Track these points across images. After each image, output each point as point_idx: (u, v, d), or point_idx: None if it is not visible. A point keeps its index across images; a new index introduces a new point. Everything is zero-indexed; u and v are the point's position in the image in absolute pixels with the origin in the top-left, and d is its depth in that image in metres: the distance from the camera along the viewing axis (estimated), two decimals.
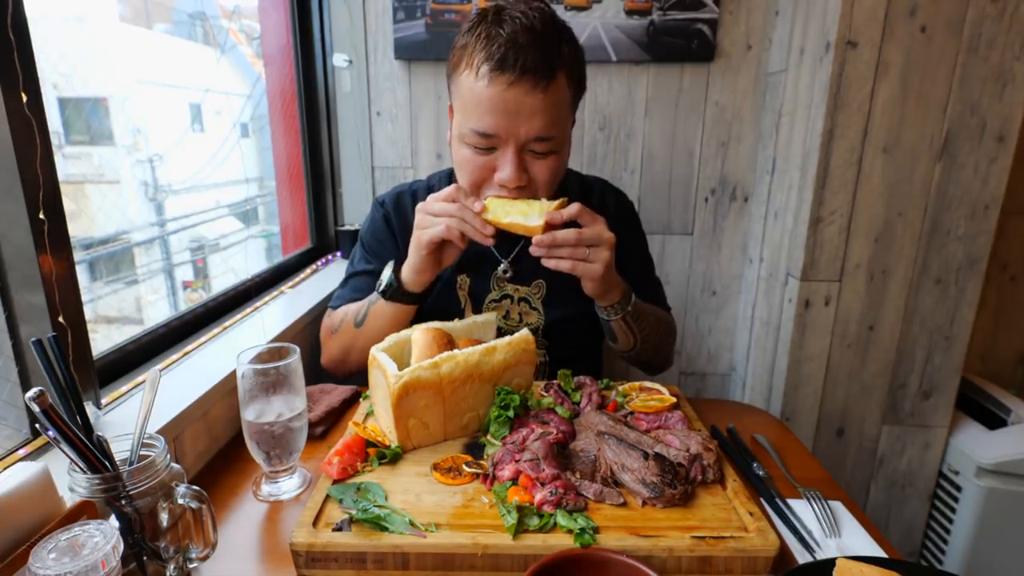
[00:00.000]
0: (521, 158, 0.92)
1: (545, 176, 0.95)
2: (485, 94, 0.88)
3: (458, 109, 0.94)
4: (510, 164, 0.91)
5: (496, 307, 1.12)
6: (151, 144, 4.31)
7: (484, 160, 0.93)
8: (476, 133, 0.91)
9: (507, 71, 0.86)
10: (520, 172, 0.92)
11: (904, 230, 1.40)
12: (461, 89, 0.92)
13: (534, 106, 0.88)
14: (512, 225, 0.88)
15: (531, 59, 0.85)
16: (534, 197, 0.96)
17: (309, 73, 1.66)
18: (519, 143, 0.91)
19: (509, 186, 0.93)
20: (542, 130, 0.90)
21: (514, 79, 0.86)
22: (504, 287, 1.12)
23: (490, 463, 0.76)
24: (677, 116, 1.65)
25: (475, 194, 0.97)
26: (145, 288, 3.74)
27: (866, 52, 1.29)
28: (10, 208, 0.69)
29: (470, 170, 0.95)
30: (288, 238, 1.74)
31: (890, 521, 1.62)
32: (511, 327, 1.11)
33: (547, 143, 0.92)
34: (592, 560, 0.59)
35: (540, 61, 0.86)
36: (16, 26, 0.68)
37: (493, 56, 0.86)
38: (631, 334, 1.03)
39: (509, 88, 0.86)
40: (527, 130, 0.89)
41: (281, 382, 0.76)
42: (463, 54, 0.91)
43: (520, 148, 0.92)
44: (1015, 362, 1.78)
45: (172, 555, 0.59)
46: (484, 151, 0.93)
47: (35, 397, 0.50)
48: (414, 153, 1.70)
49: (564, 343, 1.15)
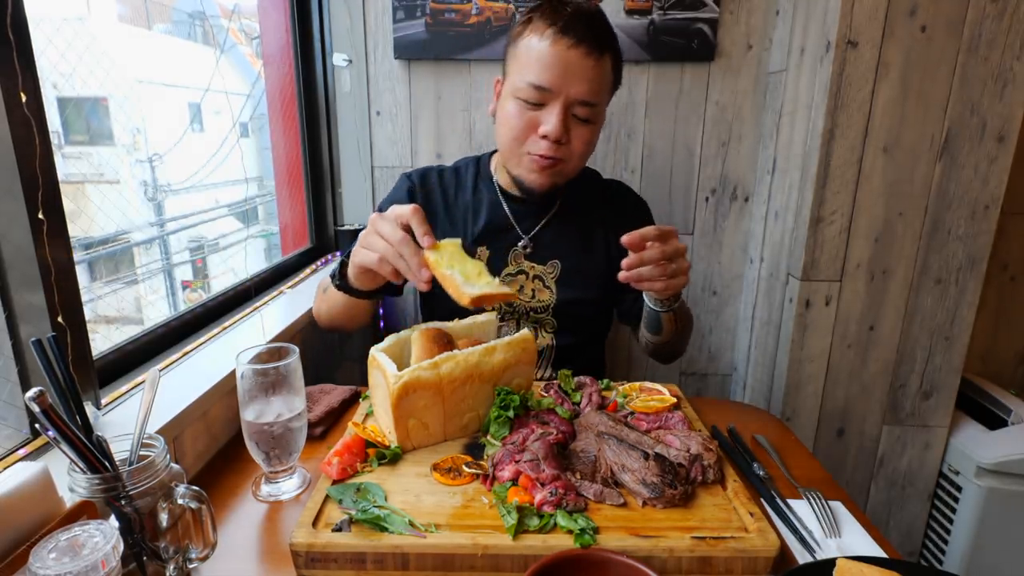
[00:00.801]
0: (566, 116, 1.01)
1: (580, 145, 1.04)
2: (548, 51, 0.98)
3: (515, 69, 1.03)
4: (555, 117, 1.00)
5: (511, 281, 1.17)
6: (151, 144, 4.31)
7: (531, 115, 1.02)
8: (532, 86, 0.99)
9: (569, 35, 0.97)
10: (563, 128, 1.01)
11: (904, 230, 1.40)
12: (521, 51, 1.02)
13: (587, 70, 0.99)
14: (446, 279, 0.79)
15: (590, 31, 0.98)
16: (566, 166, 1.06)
17: (309, 73, 1.66)
18: (568, 101, 1.00)
19: (551, 137, 1.00)
20: (589, 94, 1.00)
21: (574, 42, 0.97)
22: (520, 263, 1.17)
23: (490, 463, 0.76)
24: (677, 116, 1.65)
25: (515, 148, 1.05)
26: (145, 288, 3.74)
27: (866, 52, 1.29)
28: (10, 208, 0.69)
29: (515, 124, 1.03)
30: (288, 238, 1.74)
31: (890, 521, 1.62)
32: (523, 302, 1.17)
33: (589, 109, 1.02)
34: (592, 560, 0.59)
35: (596, 35, 0.99)
36: (16, 26, 0.68)
37: (557, 22, 0.98)
38: (675, 324, 1.08)
39: (569, 49, 0.97)
40: (577, 90, 0.99)
41: (281, 382, 0.76)
42: (526, 26, 1.02)
43: (566, 107, 1.00)
44: (1015, 362, 1.78)
45: (172, 555, 0.59)
46: (534, 106, 1.01)
47: (35, 397, 0.50)
48: (414, 153, 1.70)
49: (572, 327, 1.19)
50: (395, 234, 0.83)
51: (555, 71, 0.98)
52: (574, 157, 1.05)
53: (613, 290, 1.20)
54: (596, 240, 1.19)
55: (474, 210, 1.18)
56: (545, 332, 1.19)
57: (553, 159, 1.03)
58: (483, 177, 1.20)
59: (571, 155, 1.05)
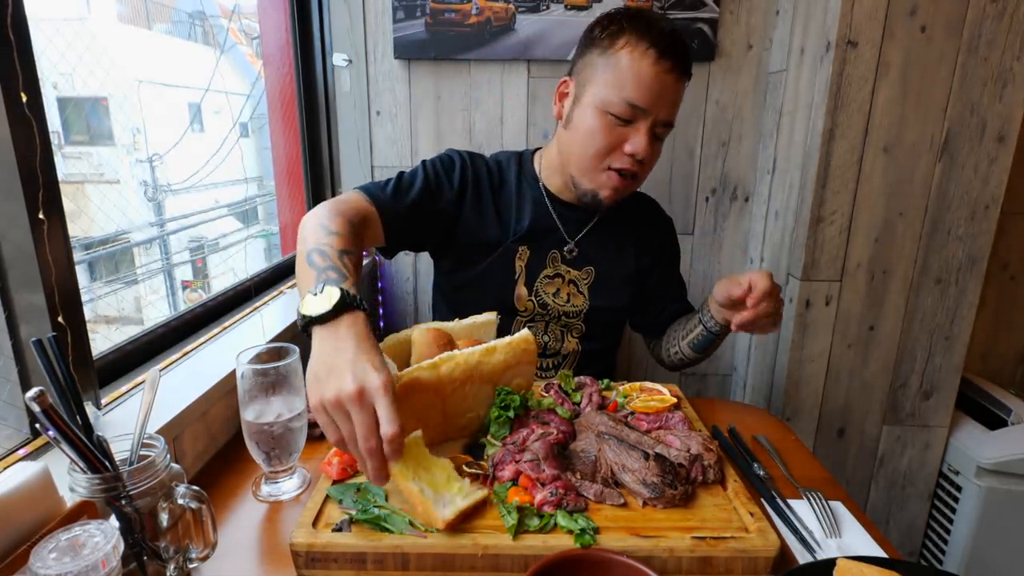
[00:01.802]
0: (652, 134, 1.03)
1: (653, 161, 1.07)
2: (649, 72, 0.98)
3: (608, 81, 1.01)
4: (645, 137, 1.02)
5: (548, 283, 1.16)
6: (151, 144, 4.31)
7: (620, 131, 1.02)
8: (628, 103, 1.00)
9: (669, 58, 0.98)
10: (650, 147, 1.03)
11: (904, 230, 1.40)
12: (620, 63, 1.00)
13: (677, 93, 1.03)
14: (413, 495, 0.65)
15: (684, 57, 1.01)
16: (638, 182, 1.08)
17: (308, 73, 1.66)
18: (655, 121, 1.02)
19: (638, 156, 1.02)
20: (673, 115, 1.04)
21: (672, 66, 0.99)
22: (558, 266, 1.17)
23: (490, 464, 0.76)
24: (678, 115, 1.65)
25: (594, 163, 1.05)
26: (145, 288, 3.74)
27: (866, 52, 1.29)
28: (10, 208, 0.69)
29: (601, 139, 1.03)
30: (288, 238, 1.74)
31: (890, 521, 1.62)
32: (558, 306, 1.17)
33: (667, 129, 1.05)
34: (592, 561, 0.59)
35: (687, 61, 1.01)
36: (16, 26, 0.68)
37: (658, 43, 0.98)
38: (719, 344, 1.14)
39: (668, 73, 0.99)
40: (666, 112, 1.02)
41: (281, 382, 0.76)
42: (622, 34, 1.01)
43: (652, 126, 1.02)
44: (1015, 362, 1.78)
45: (172, 555, 0.59)
46: (623, 123, 1.02)
47: (35, 397, 0.50)
48: (414, 153, 1.70)
49: (599, 333, 1.21)
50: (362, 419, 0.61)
51: (653, 92, 0.99)
52: (645, 173, 1.08)
53: (638, 300, 1.23)
54: (627, 250, 1.20)
55: (518, 207, 1.16)
56: (572, 336, 1.19)
57: (633, 175, 1.06)
58: (526, 176, 1.18)
59: (645, 172, 1.08)
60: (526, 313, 1.16)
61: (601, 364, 1.25)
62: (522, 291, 1.15)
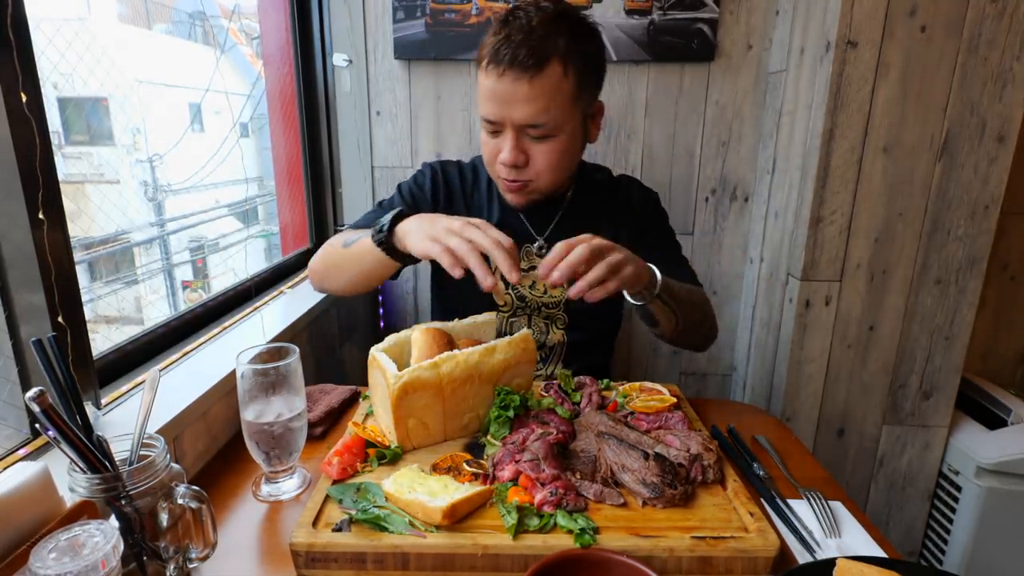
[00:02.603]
0: (520, 141, 1.02)
1: (543, 160, 1.04)
2: (485, 85, 0.99)
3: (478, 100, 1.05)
4: (507, 145, 1.02)
5: (524, 276, 1.17)
6: (151, 144, 4.31)
7: (494, 143, 1.04)
8: (484, 120, 1.03)
9: (497, 64, 0.96)
10: (515, 153, 1.02)
11: (904, 230, 1.40)
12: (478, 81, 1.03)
13: (522, 94, 0.97)
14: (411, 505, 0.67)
15: (518, 53, 0.95)
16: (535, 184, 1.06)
17: (309, 73, 1.66)
18: (515, 127, 1.00)
19: (507, 164, 1.02)
20: (531, 117, 0.98)
21: (502, 72, 0.96)
22: (532, 259, 1.18)
23: (490, 463, 0.76)
24: (677, 116, 1.65)
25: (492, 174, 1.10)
26: (145, 288, 3.74)
27: (866, 52, 1.29)
28: (10, 208, 0.69)
29: (486, 151, 1.08)
30: (288, 238, 1.74)
31: (890, 521, 1.62)
32: (536, 297, 1.18)
33: (539, 128, 1.00)
34: (592, 560, 0.59)
35: (527, 54, 0.95)
36: (16, 26, 0.68)
37: (493, 52, 0.97)
38: (671, 314, 1.03)
39: (499, 80, 0.96)
40: (518, 116, 0.98)
41: (281, 382, 0.76)
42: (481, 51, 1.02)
43: (517, 132, 1.01)
44: (1015, 362, 1.78)
45: (172, 555, 0.59)
46: (494, 135, 1.04)
47: (35, 397, 0.50)
48: (414, 153, 1.70)
49: (583, 323, 1.19)
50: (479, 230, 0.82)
51: (493, 103, 0.99)
52: (541, 175, 1.05)
53: None
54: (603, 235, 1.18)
55: (488, 207, 1.20)
56: (556, 328, 1.20)
57: (517, 181, 1.05)
58: None
59: (537, 174, 1.04)
60: (507, 308, 1.18)
61: (592, 356, 1.24)
62: (500, 286, 1.17)
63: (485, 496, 0.70)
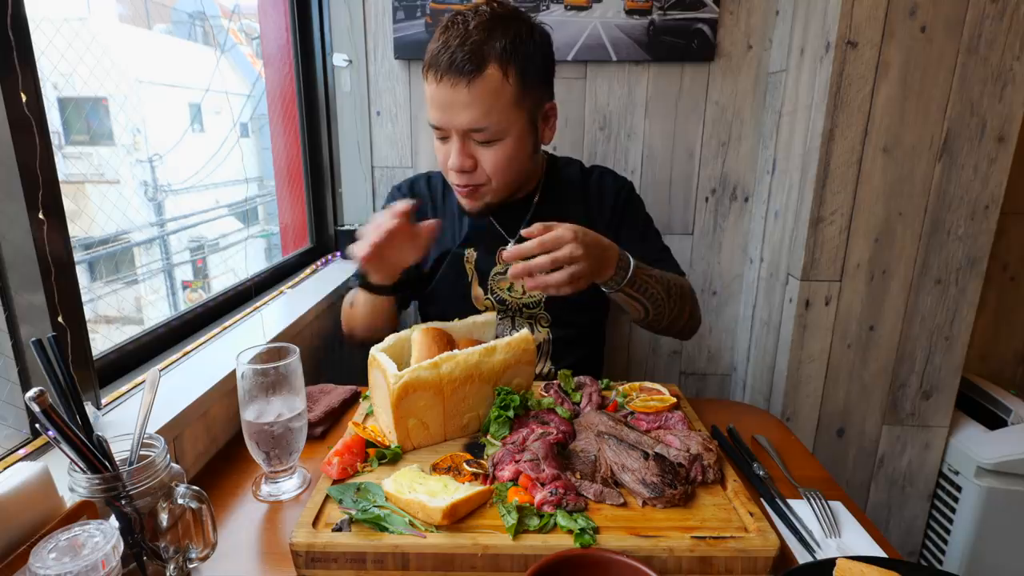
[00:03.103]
0: (465, 146, 1.02)
1: (492, 164, 1.03)
2: (430, 91, 1.00)
3: None
4: (453, 151, 1.02)
5: (501, 279, 1.18)
6: (151, 144, 4.30)
7: (444, 148, 1.05)
8: (431, 126, 1.04)
9: (433, 71, 0.97)
10: (462, 158, 1.02)
11: (904, 230, 1.40)
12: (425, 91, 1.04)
13: (461, 100, 0.97)
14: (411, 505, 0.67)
15: (455, 58, 0.95)
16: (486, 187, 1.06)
17: (309, 73, 1.66)
18: (460, 133, 1.01)
19: (454, 169, 1.03)
20: (472, 121, 0.98)
21: (440, 77, 0.97)
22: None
23: (490, 463, 0.76)
24: (677, 116, 1.65)
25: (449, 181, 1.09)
26: (145, 288, 3.74)
27: (866, 52, 1.29)
28: (10, 208, 0.69)
29: (439, 159, 1.08)
30: (288, 238, 1.74)
31: (890, 521, 1.62)
32: (515, 299, 1.18)
33: (483, 132, 1.00)
34: (592, 560, 0.59)
35: (462, 59, 0.95)
36: (16, 26, 0.68)
37: (431, 60, 0.98)
38: (640, 304, 1.03)
39: (438, 85, 0.97)
40: (460, 121, 0.99)
41: (281, 382, 0.76)
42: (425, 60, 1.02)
43: (463, 137, 1.01)
44: (1015, 362, 1.78)
45: (172, 555, 0.59)
46: (443, 141, 1.04)
47: (35, 397, 0.50)
48: (414, 153, 1.70)
49: (566, 319, 1.20)
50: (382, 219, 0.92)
51: (436, 109, 1.00)
52: (492, 178, 1.05)
53: None
54: None
55: (460, 215, 1.21)
56: (540, 327, 1.20)
57: (468, 186, 1.06)
58: None
59: (487, 177, 1.04)
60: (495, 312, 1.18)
61: (583, 350, 1.23)
62: (478, 292, 1.19)
63: (485, 496, 0.70)
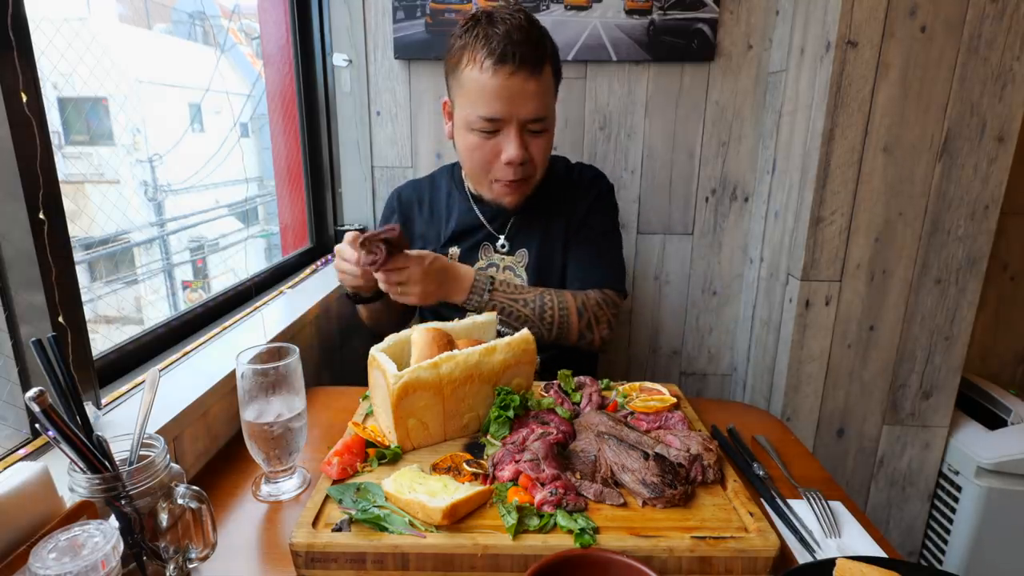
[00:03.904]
0: (522, 137, 1.06)
1: (540, 153, 1.10)
2: (491, 84, 1.01)
3: (462, 102, 1.07)
4: (513, 143, 1.05)
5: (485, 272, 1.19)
6: (151, 144, 4.30)
7: (490, 143, 1.07)
8: (484, 119, 1.04)
9: (507, 63, 1.00)
10: (522, 149, 1.06)
11: (904, 230, 1.40)
12: (465, 83, 1.05)
13: (530, 91, 1.03)
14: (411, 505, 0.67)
15: (526, 52, 1.00)
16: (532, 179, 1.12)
17: (309, 73, 1.66)
18: (520, 124, 1.05)
19: (515, 162, 1.06)
20: (538, 111, 1.05)
21: (514, 69, 1.00)
22: (491, 256, 1.22)
23: (490, 463, 0.76)
24: (677, 116, 1.65)
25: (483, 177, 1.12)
26: (145, 288, 3.73)
27: (866, 52, 1.29)
28: (10, 208, 0.69)
29: (479, 155, 1.08)
30: (288, 238, 1.74)
31: (890, 521, 1.62)
32: None
33: (541, 123, 1.07)
34: (592, 560, 0.59)
35: (532, 54, 1.01)
36: (16, 26, 0.68)
37: (495, 52, 1.00)
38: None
39: (510, 77, 1.01)
40: (526, 111, 1.04)
41: (281, 382, 0.76)
42: (463, 53, 1.04)
43: (521, 128, 1.05)
44: (1015, 362, 1.78)
45: (172, 555, 0.59)
46: (490, 135, 1.06)
47: (35, 397, 0.50)
48: (414, 153, 1.70)
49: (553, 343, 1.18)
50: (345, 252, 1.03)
51: (502, 102, 1.02)
52: (537, 168, 1.11)
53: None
54: (558, 224, 1.22)
55: (447, 215, 1.24)
56: None
57: (520, 179, 1.09)
58: (456, 184, 1.26)
59: (535, 168, 1.11)
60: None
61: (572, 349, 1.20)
62: None
63: (485, 496, 0.70)
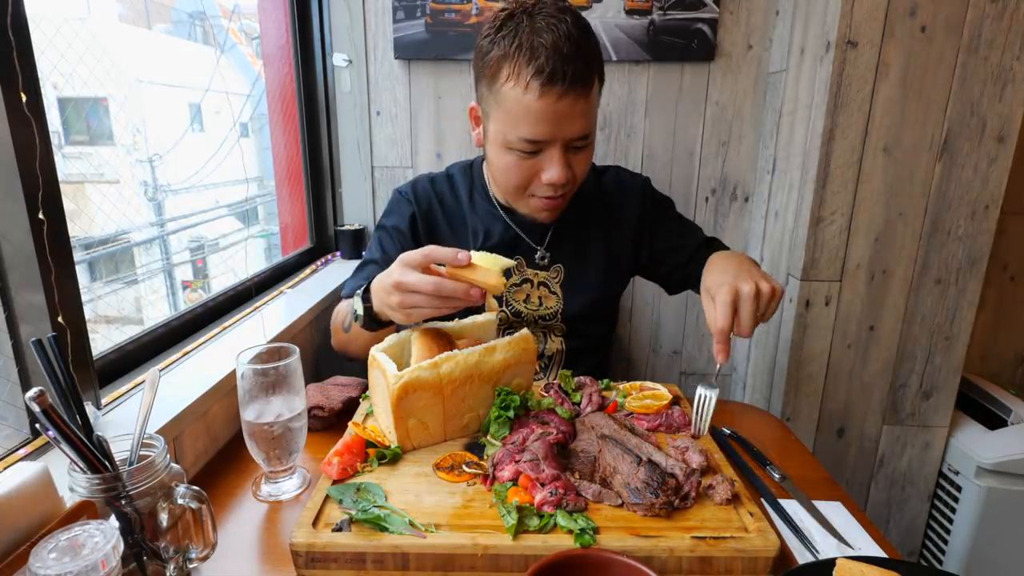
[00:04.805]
0: (566, 156, 0.98)
1: (583, 168, 1.02)
2: (536, 106, 0.91)
3: (500, 118, 0.96)
4: (557, 164, 0.97)
5: (517, 291, 1.14)
6: (151, 144, 4.30)
7: (531, 163, 0.98)
8: (526, 141, 0.95)
9: (557, 84, 0.89)
10: (567, 169, 0.98)
11: (904, 230, 1.40)
12: (506, 101, 0.94)
13: (579, 111, 0.93)
14: (475, 281, 0.79)
15: (578, 70, 0.90)
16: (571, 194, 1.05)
17: (309, 73, 1.66)
18: (564, 143, 0.96)
19: (558, 183, 0.98)
20: (584, 129, 0.96)
21: (563, 91, 0.90)
22: (524, 271, 1.14)
23: (490, 463, 0.76)
24: (677, 116, 1.65)
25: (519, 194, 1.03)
26: (145, 288, 3.74)
27: (866, 52, 1.29)
28: (10, 208, 0.69)
29: (516, 174, 1.00)
30: (288, 238, 1.74)
31: (890, 521, 1.62)
32: (531, 311, 1.14)
33: (586, 139, 0.99)
34: (592, 560, 0.59)
35: (584, 71, 0.91)
36: (16, 26, 0.68)
37: (543, 70, 0.89)
38: None
39: (560, 100, 0.90)
40: (572, 132, 0.95)
41: (281, 382, 0.76)
42: (503, 64, 0.92)
43: (565, 147, 0.97)
44: (1015, 362, 1.78)
45: (172, 555, 0.59)
46: (530, 155, 0.97)
47: (35, 397, 0.50)
48: (414, 153, 1.70)
49: (581, 330, 1.17)
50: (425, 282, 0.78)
51: (548, 124, 0.93)
52: (578, 183, 1.04)
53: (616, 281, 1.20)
54: (596, 237, 1.17)
55: (474, 224, 1.14)
56: (554, 336, 1.16)
57: (561, 196, 1.03)
58: (478, 189, 1.16)
59: (575, 183, 1.03)
60: (502, 324, 1.14)
61: (593, 360, 1.21)
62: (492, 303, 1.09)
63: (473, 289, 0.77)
